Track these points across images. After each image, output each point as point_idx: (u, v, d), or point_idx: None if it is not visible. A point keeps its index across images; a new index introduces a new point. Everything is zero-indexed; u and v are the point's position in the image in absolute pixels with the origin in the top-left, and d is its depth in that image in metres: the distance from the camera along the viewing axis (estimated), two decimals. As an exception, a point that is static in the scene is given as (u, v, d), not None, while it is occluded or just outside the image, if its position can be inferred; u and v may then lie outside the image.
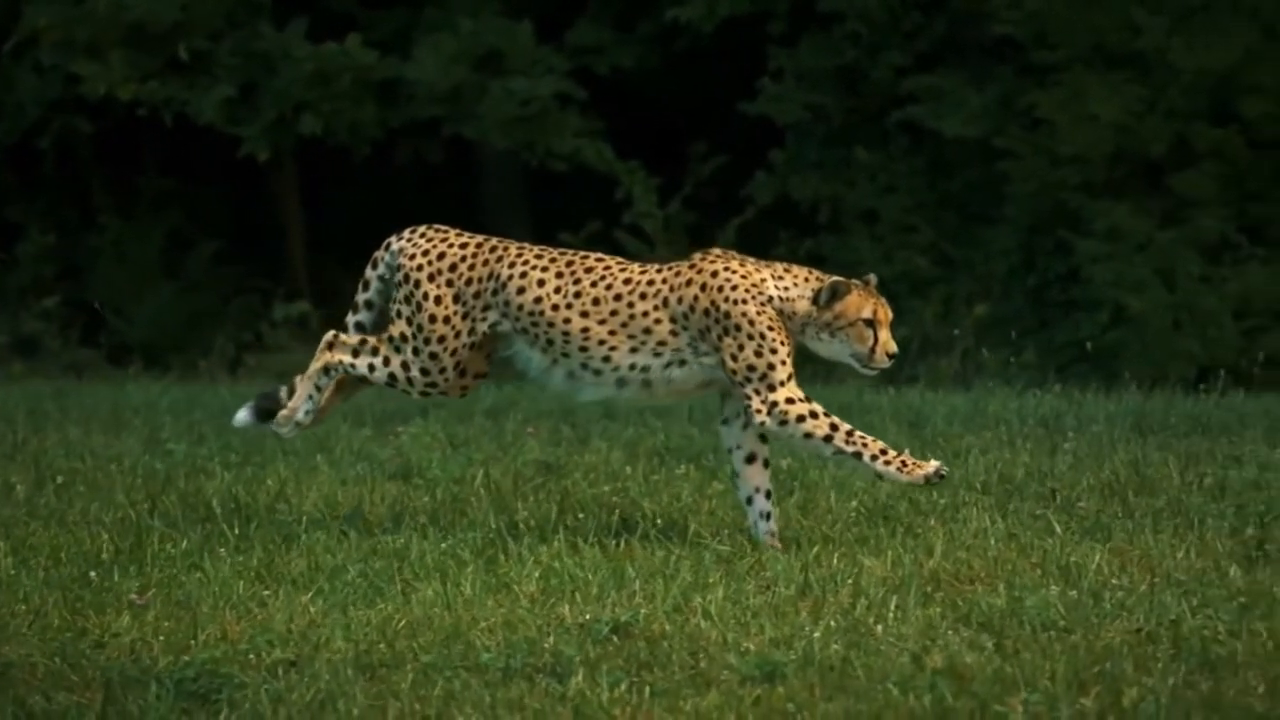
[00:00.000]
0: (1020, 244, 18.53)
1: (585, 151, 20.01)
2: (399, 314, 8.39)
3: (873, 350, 8.14)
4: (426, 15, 20.75)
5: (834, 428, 8.12)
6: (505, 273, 8.32)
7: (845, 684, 6.12)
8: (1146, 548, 8.08)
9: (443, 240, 8.43)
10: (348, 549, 7.96)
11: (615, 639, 6.66)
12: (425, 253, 8.38)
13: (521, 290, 8.28)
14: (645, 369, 8.26)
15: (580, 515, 8.70)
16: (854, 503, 9.01)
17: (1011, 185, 18.23)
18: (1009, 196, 18.40)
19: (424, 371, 8.35)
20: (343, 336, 8.50)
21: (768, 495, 8.32)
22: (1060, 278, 18.27)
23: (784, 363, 8.15)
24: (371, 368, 8.40)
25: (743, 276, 8.18)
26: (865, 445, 8.12)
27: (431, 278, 8.35)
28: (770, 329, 8.15)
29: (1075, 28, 17.76)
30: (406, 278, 8.36)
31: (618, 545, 8.14)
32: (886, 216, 19.18)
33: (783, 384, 8.13)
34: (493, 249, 8.41)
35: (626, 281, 8.28)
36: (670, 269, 8.32)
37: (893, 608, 7.07)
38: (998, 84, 18.42)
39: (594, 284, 8.30)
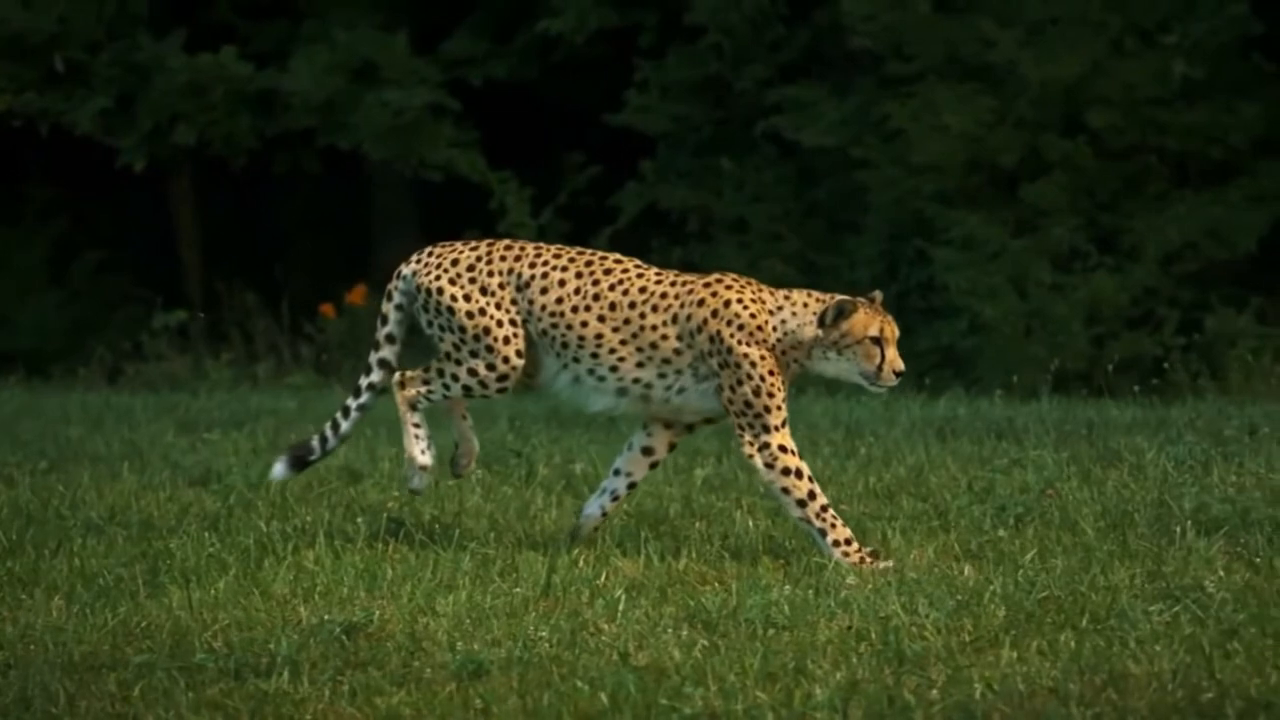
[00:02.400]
0: (882, 252, 18.83)
1: (459, 162, 20.26)
2: (439, 332, 8.38)
3: (880, 368, 8.13)
4: (306, 27, 20.99)
5: (811, 496, 8.14)
6: (527, 272, 8.33)
7: (546, 680, 6.39)
8: (894, 547, 8.38)
9: (452, 250, 8.47)
10: (116, 553, 8.19)
11: (344, 639, 6.91)
12: (439, 264, 8.41)
13: (545, 290, 8.28)
14: (648, 386, 8.28)
15: (359, 520, 8.94)
16: (627, 507, 9.28)
17: (872, 195, 18.54)
18: (871, 206, 18.72)
19: (489, 367, 8.31)
20: (409, 373, 8.48)
21: (629, 488, 8.43)
22: (920, 286, 18.58)
23: (780, 407, 8.15)
24: (447, 387, 8.38)
25: (751, 316, 8.14)
26: (833, 527, 8.12)
27: (453, 281, 8.35)
28: (771, 374, 8.12)
29: (930, 40, 18.08)
30: (429, 293, 8.37)
31: (385, 548, 8.40)
32: (754, 225, 19.46)
33: (778, 429, 8.14)
34: (507, 247, 8.41)
35: (642, 290, 8.26)
36: (684, 284, 8.29)
37: (621, 607, 7.34)
38: (858, 95, 18.73)
39: (611, 287, 8.30)
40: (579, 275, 8.29)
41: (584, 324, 8.25)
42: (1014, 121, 17.78)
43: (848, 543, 8.13)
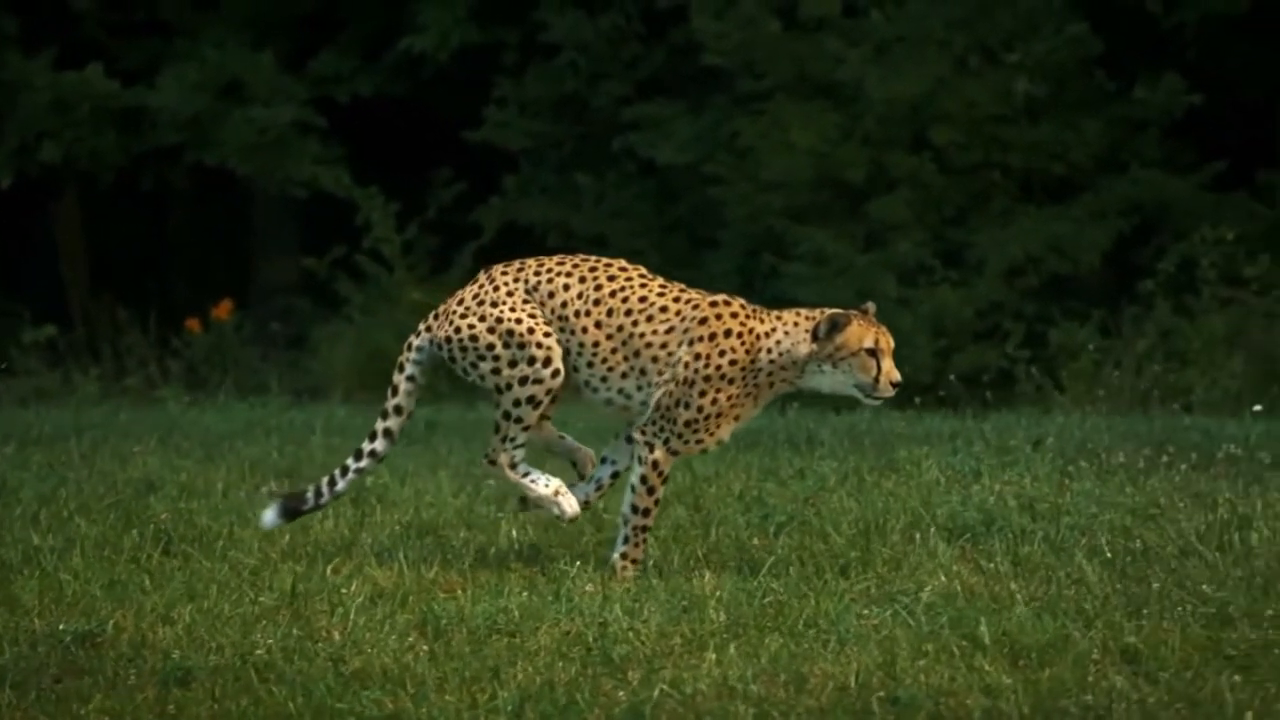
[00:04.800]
0: (738, 268, 19.10)
1: (324, 178, 20.47)
2: (477, 365, 8.26)
3: (877, 379, 8.10)
4: (176, 45, 21.18)
5: (645, 513, 8.21)
6: (532, 279, 8.31)
7: (246, 687, 6.59)
8: (648, 556, 8.59)
9: (453, 299, 8.41)
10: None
11: (72, 648, 7.09)
12: (446, 315, 8.35)
13: (552, 294, 8.28)
14: (628, 397, 8.29)
15: (134, 531, 9.12)
16: (404, 517, 9.49)
17: (726, 211, 18.82)
18: (727, 222, 18.99)
19: (531, 362, 8.21)
20: (488, 449, 8.36)
21: (613, 476, 8.45)
22: (775, 301, 18.83)
23: (690, 443, 8.16)
24: (518, 419, 8.26)
25: (746, 353, 8.15)
26: (635, 546, 8.21)
27: (463, 316, 8.29)
28: (719, 415, 8.15)
29: (780, 58, 18.37)
30: (449, 341, 8.31)
31: (148, 559, 8.58)
32: (614, 241, 19.70)
33: (672, 451, 8.20)
34: (503, 271, 8.36)
35: (642, 300, 8.23)
36: (689, 301, 8.24)
37: (353, 615, 7.54)
38: (712, 113, 19.01)
39: (612, 294, 8.27)
40: (582, 280, 8.27)
41: (584, 330, 8.22)
42: (860, 138, 18.10)
43: (634, 563, 8.29)
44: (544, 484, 8.35)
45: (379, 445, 8.56)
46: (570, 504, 8.35)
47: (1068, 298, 18.13)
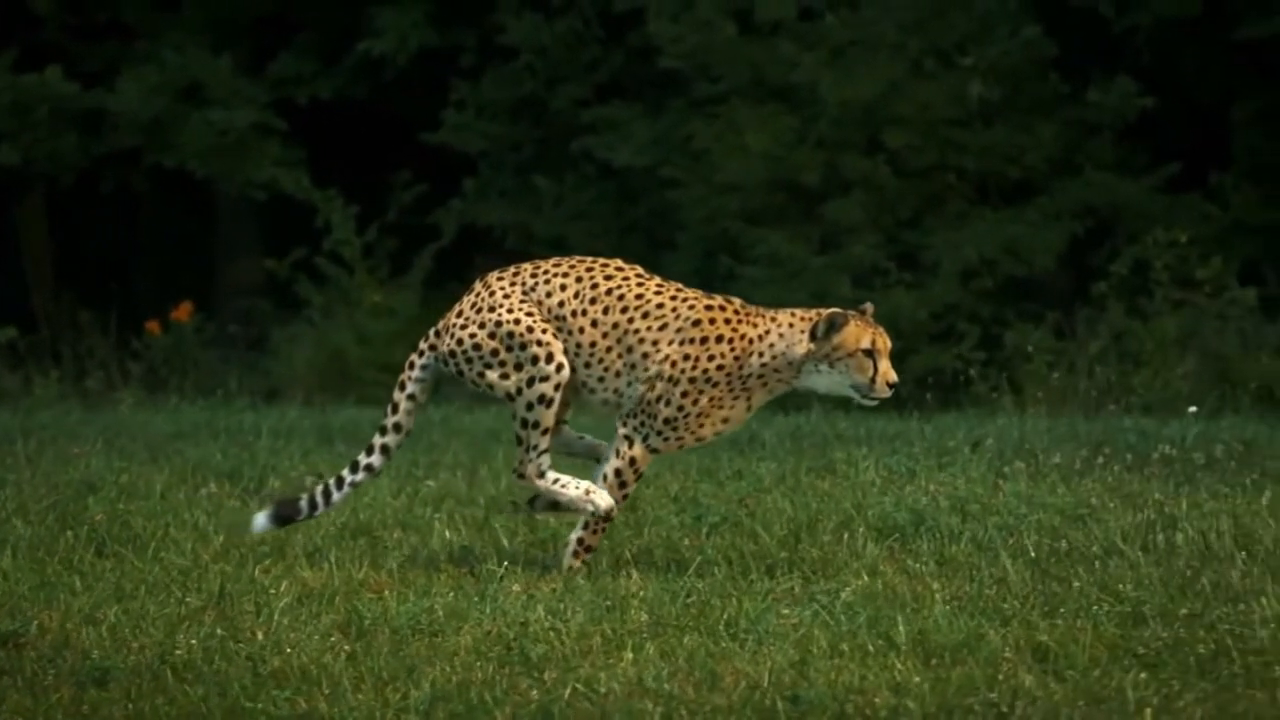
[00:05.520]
0: (696, 269, 19.14)
1: (283, 180, 20.49)
2: (484, 373, 8.27)
3: (873, 380, 8.10)
4: (136, 48, 21.23)
5: (609, 508, 8.25)
6: (528, 281, 8.30)
7: (161, 686, 6.64)
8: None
9: (452, 311, 8.39)
10: None
11: (-3, 648, 7.15)
12: (450, 327, 8.35)
13: (549, 294, 8.28)
14: (622, 395, 8.30)
15: (69, 533, 9.16)
16: (341, 518, 9.55)
17: (683, 213, 18.88)
18: (684, 224, 19.05)
19: (534, 361, 8.20)
20: (519, 456, 8.33)
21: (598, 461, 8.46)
22: (733, 302, 18.91)
23: (668, 439, 8.20)
24: (535, 424, 8.25)
25: (735, 359, 8.18)
26: (593, 534, 8.30)
27: (463, 327, 8.30)
28: (700, 415, 8.19)
29: (735, 62, 18.44)
30: (453, 354, 8.33)
31: (80, 560, 8.62)
32: (574, 243, 19.76)
33: (650, 449, 8.24)
34: (499, 277, 8.34)
35: (639, 298, 8.29)
36: (685, 300, 8.31)
37: (277, 616, 7.59)
38: (670, 115, 19.08)
39: (608, 292, 8.28)
40: (579, 280, 8.27)
41: (581, 330, 8.22)
42: (815, 141, 18.17)
43: (587, 552, 8.35)
44: (574, 486, 8.31)
45: (375, 460, 8.54)
46: (603, 499, 8.30)
47: (1022, 300, 18.22)
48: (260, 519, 8.56)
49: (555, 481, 8.33)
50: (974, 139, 18.15)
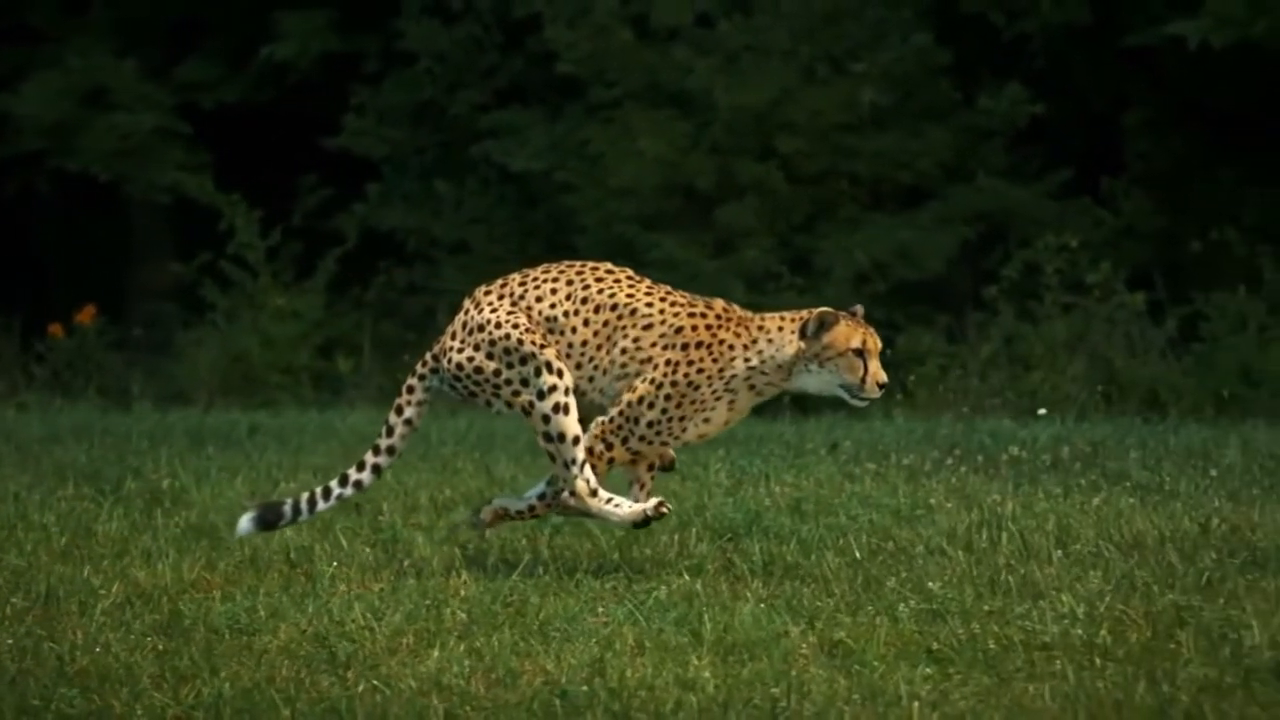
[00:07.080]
0: (594, 274, 19.28)
1: (186, 184, 20.57)
2: (506, 400, 8.26)
3: (863, 380, 8.11)
4: (42, 52, 21.29)
5: (557, 495, 8.32)
6: (516, 290, 8.28)
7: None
8: (419, 554, 8.76)
9: (446, 333, 8.39)
10: None
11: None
12: (446, 350, 8.35)
13: (539, 299, 8.25)
14: (607, 396, 8.27)
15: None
16: (191, 518, 9.64)
17: (580, 217, 19.02)
18: (582, 228, 19.19)
19: (538, 371, 8.17)
20: (561, 478, 8.25)
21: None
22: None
23: (655, 443, 8.23)
24: (561, 436, 8.21)
25: (714, 362, 8.18)
26: (521, 516, 8.44)
27: (461, 349, 8.29)
28: (683, 419, 8.21)
29: (630, 67, 18.59)
30: (465, 379, 8.31)
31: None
32: (475, 247, 19.89)
33: (633, 451, 8.26)
34: (485, 291, 8.32)
35: (629, 298, 8.28)
36: (673, 304, 8.31)
37: (98, 616, 7.68)
38: (567, 121, 19.22)
39: (599, 293, 8.27)
40: (569, 283, 8.27)
41: (574, 330, 8.22)
42: (709, 147, 18.32)
43: (517, 517, 8.46)
44: (626, 506, 8.26)
45: (364, 477, 8.51)
46: (647, 505, 8.27)
47: (914, 304, 18.40)
48: (245, 522, 8.57)
49: (609, 502, 8.26)
50: (866, 144, 18.33)
